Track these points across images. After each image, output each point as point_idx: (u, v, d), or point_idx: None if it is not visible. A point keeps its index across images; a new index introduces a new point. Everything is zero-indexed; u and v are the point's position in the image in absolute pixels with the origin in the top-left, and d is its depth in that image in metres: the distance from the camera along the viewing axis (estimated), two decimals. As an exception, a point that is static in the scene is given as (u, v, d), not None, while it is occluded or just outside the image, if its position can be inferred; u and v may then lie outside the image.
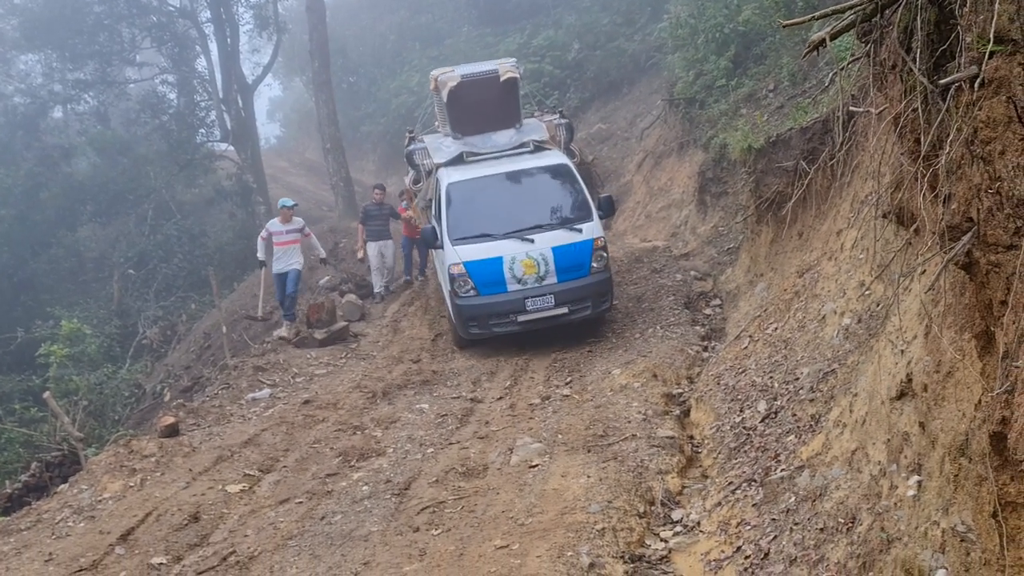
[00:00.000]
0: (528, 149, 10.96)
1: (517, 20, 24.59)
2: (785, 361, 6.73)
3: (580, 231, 9.93)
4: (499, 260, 9.81)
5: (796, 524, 4.37)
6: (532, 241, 9.80)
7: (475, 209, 10.33)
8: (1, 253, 20.07)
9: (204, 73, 24.41)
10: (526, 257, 9.78)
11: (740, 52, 12.63)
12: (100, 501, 6.99)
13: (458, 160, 10.87)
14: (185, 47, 23.62)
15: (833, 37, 3.32)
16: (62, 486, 7.73)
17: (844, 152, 7.21)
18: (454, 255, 9.99)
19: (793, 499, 4.64)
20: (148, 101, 23.23)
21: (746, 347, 7.71)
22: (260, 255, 12.90)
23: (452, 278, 10.02)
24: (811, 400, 5.70)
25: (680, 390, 7.94)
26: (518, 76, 11.68)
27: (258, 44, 27.70)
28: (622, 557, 4.84)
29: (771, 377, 6.66)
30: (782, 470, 5.06)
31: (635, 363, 8.53)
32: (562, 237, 9.90)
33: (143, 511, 6.62)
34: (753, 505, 4.94)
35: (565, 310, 9.80)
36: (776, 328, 7.49)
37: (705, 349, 9.07)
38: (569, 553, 4.80)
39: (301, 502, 6.51)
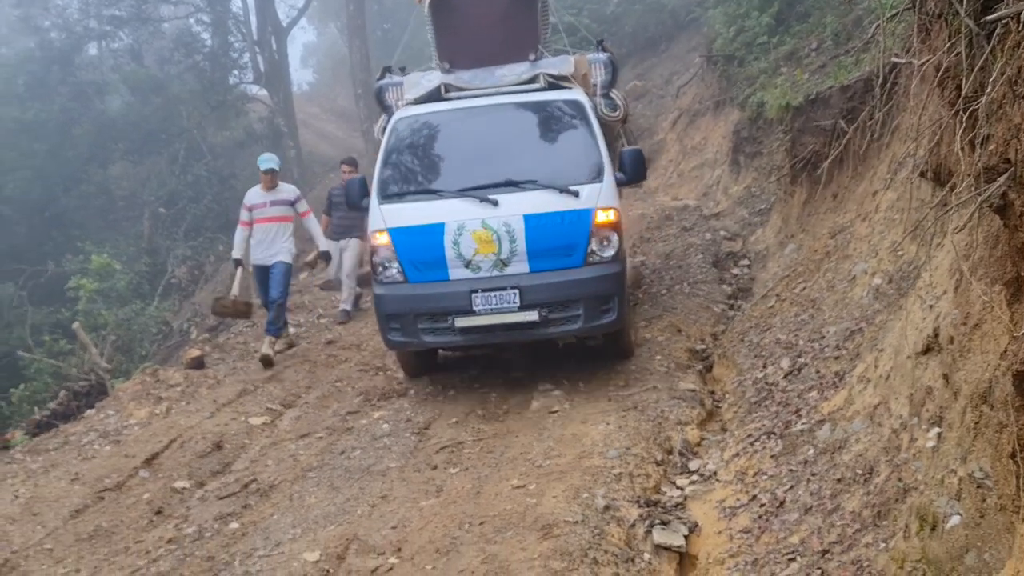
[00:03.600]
0: (538, 86, 7.40)
1: (555, -28, 24.18)
2: (812, 320, 6.69)
3: (576, 195, 6.59)
4: (439, 229, 6.60)
5: (813, 475, 4.38)
6: (495, 204, 6.55)
7: (424, 156, 7.27)
8: (33, 187, 20.26)
9: (239, 14, 24.30)
10: (481, 227, 6.53)
11: (783, 9, 12.37)
12: (126, 426, 7.15)
13: (435, 96, 7.45)
14: (220, -14, 23.51)
15: (880, -23, 3.24)
16: (89, 411, 7.91)
17: (884, 112, 7.07)
18: (378, 218, 6.90)
19: (812, 451, 4.64)
20: (182, 40, 23.18)
21: (772, 306, 7.66)
22: (236, 252, 8.97)
23: (372, 253, 6.96)
24: (836, 357, 5.67)
25: (704, 346, 7.92)
26: None
27: (294, -14, 27.54)
28: (637, 502, 4.88)
29: (796, 335, 6.63)
30: (802, 424, 5.05)
31: (660, 318, 8.50)
32: (544, 202, 6.61)
33: (168, 437, 6.77)
34: (771, 456, 4.95)
35: (535, 317, 6.50)
36: (804, 288, 7.43)
37: (731, 307, 9.01)
38: (585, 495, 4.84)
39: (321, 437, 6.62)
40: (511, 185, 6.70)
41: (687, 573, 4.42)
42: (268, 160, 9.02)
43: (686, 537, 4.55)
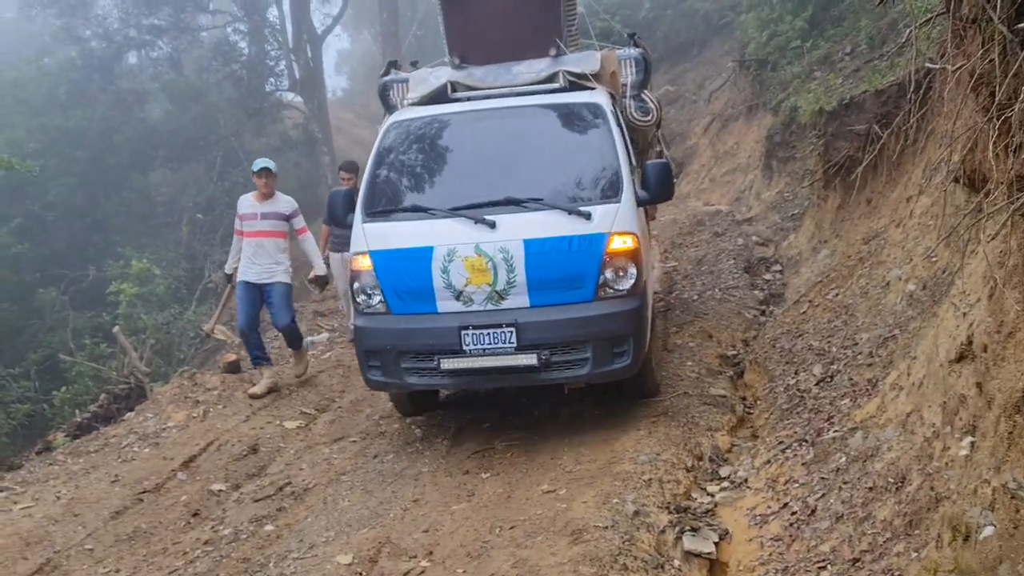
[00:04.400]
0: (556, 85, 6.48)
1: (588, -23, 24.18)
2: (845, 326, 6.65)
3: (588, 217, 5.63)
4: (426, 253, 5.71)
5: (845, 483, 4.36)
6: (492, 225, 5.64)
7: (417, 166, 6.35)
8: (76, 194, 20.74)
9: (275, 22, 24.68)
10: (473, 253, 5.63)
11: (817, 13, 12.33)
12: (164, 429, 7.29)
13: (441, 95, 6.57)
14: (257, -5, 23.89)
15: (911, -16, 3.23)
16: (129, 414, 8.08)
17: (919, 117, 7.01)
18: (360, 239, 6.02)
19: (844, 459, 4.61)
20: (220, 49, 23.61)
21: (805, 312, 7.61)
22: (230, 264, 8.08)
23: (352, 279, 6.09)
24: (869, 365, 5.63)
25: (735, 352, 7.89)
26: None
27: (329, -5, 27.91)
28: (667, 507, 4.88)
29: (829, 341, 6.59)
30: (834, 431, 5.03)
31: (691, 323, 8.49)
32: (549, 224, 5.66)
33: (205, 440, 6.90)
34: (803, 464, 4.93)
35: (533, 360, 5.60)
36: (837, 294, 7.38)
37: (763, 313, 8.98)
38: (615, 500, 4.86)
39: (355, 441, 6.70)
40: (512, 204, 5.77)
41: (717, 580, 4.42)
42: (265, 161, 7.87)
43: (716, 544, 4.55)
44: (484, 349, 5.62)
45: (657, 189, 6.02)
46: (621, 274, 5.69)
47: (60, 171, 20.10)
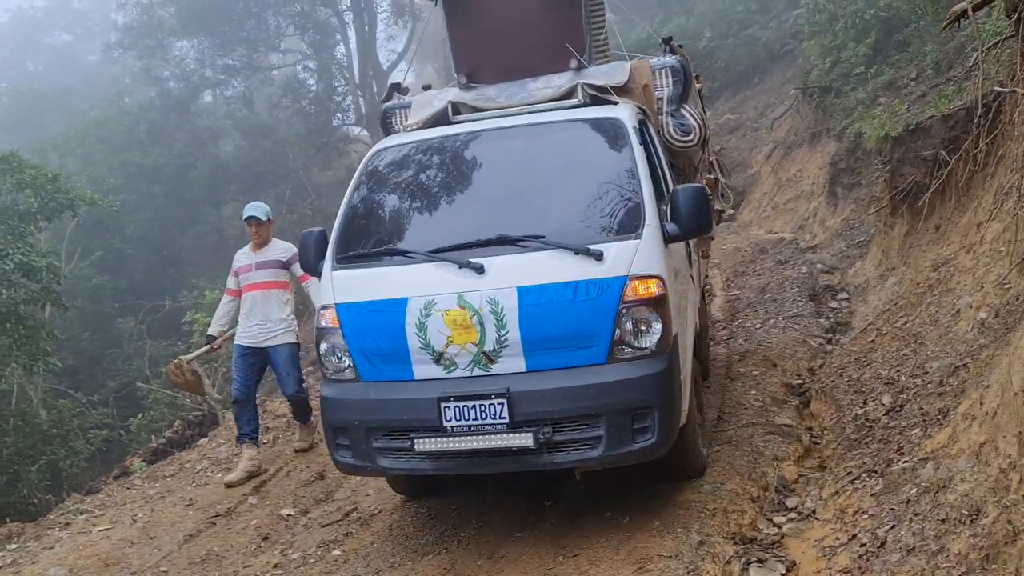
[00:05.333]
0: (575, 102, 5.54)
1: (648, 7, 24.33)
2: (914, 355, 6.52)
3: (598, 257, 4.48)
4: (400, 306, 4.64)
5: (916, 515, 4.27)
6: (480, 271, 4.55)
7: (398, 203, 5.32)
8: (153, 228, 21.57)
9: (342, 59, 25.43)
10: (456, 305, 4.54)
11: (881, 39, 12.22)
12: (236, 455, 7.48)
13: (442, 120, 5.69)
14: (326, 34, 24.68)
15: (976, 8, 3.24)
16: (202, 440, 8.33)
17: (988, 140, 6.89)
18: (328, 290, 4.99)
19: (914, 490, 4.52)
20: (290, 86, 24.46)
21: (872, 340, 7.48)
22: (213, 326, 7.41)
23: (317, 339, 5.01)
24: (939, 394, 5.51)
25: (800, 381, 7.79)
26: None
27: (394, 32, 28.64)
28: (732, 538, 4.84)
29: (898, 370, 6.46)
30: (905, 462, 4.93)
31: (755, 352, 8.41)
32: (550, 267, 4.54)
33: (274, 466, 7.08)
34: (872, 495, 4.84)
35: (528, 440, 4.44)
36: (906, 322, 7.24)
37: (829, 342, 8.84)
38: (679, 529, 4.83)
39: (420, 468, 6.77)
40: (506, 243, 4.64)
41: (784, 612, 4.36)
42: (252, 208, 6.97)
43: None
44: (469, 426, 4.51)
45: (688, 220, 4.75)
46: (642, 329, 4.53)
47: (138, 206, 20.97)
